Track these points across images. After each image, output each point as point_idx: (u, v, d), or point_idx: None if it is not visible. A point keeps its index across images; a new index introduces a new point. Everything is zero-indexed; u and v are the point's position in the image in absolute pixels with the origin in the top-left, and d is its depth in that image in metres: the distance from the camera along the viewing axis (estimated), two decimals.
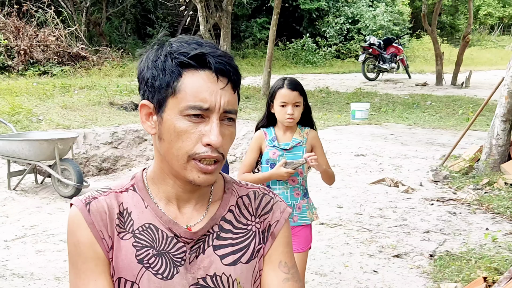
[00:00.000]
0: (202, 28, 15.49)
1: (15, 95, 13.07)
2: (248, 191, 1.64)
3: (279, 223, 1.60)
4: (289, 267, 1.58)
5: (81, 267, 1.45)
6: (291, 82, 3.55)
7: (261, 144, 3.66)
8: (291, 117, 3.51)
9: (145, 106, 1.46)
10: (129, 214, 1.50)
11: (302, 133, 3.67)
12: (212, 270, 1.51)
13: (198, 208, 1.55)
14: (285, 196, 3.63)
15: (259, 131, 3.71)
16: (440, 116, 12.81)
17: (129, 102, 13.10)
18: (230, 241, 1.55)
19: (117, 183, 1.57)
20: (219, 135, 1.39)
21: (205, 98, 1.37)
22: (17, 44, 18.15)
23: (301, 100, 3.55)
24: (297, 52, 25.33)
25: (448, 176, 7.84)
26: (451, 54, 24.64)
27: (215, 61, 1.38)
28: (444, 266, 5.07)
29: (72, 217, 1.48)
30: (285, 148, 3.60)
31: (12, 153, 7.57)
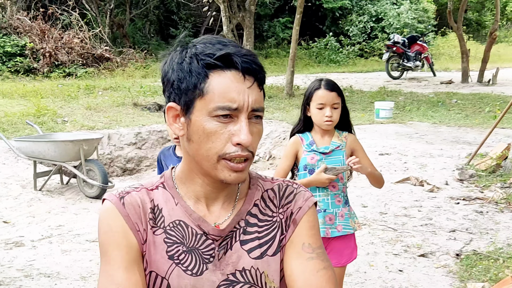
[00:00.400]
0: (225, 28, 15.51)
1: (40, 97, 13.21)
2: (273, 184, 1.63)
3: (302, 210, 1.58)
4: (313, 248, 1.55)
5: (111, 254, 1.45)
6: (328, 82, 3.37)
7: (297, 150, 3.46)
8: (330, 119, 3.31)
9: (172, 108, 1.47)
10: (160, 211, 1.52)
11: (340, 137, 3.48)
12: (240, 265, 1.51)
13: (226, 207, 1.56)
14: (326, 203, 3.43)
15: (294, 136, 3.51)
16: (466, 114, 12.65)
17: (152, 102, 13.16)
18: (256, 234, 1.55)
19: (148, 181, 1.59)
20: (249, 134, 1.39)
21: (233, 98, 1.38)
22: (42, 46, 18.37)
23: (339, 102, 3.35)
24: (320, 51, 25.24)
25: (475, 175, 7.75)
26: (477, 51, 24.35)
27: (241, 60, 1.38)
28: (471, 266, 5.01)
29: (105, 210, 1.50)
30: (325, 152, 3.40)
31: (38, 154, 7.65)
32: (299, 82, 16.77)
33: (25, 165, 8.50)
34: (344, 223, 3.44)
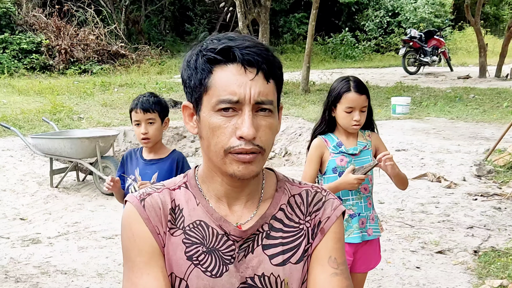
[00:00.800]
0: (240, 24, 15.48)
1: (56, 94, 13.28)
2: (300, 190, 1.60)
3: (330, 220, 1.55)
4: (338, 263, 1.53)
5: (134, 260, 1.45)
6: (358, 84, 3.20)
7: (322, 153, 3.27)
8: (358, 123, 3.18)
9: (187, 107, 1.48)
10: (180, 211, 1.51)
11: (364, 136, 3.35)
12: (260, 270, 1.49)
13: (249, 206, 1.53)
14: (360, 206, 3.27)
15: (317, 139, 3.32)
16: (483, 110, 12.53)
17: (168, 99, 13.16)
18: (280, 240, 1.52)
19: (171, 181, 1.58)
20: (251, 127, 1.36)
21: (233, 91, 1.35)
22: (58, 43, 18.48)
23: (367, 104, 3.22)
24: (336, 47, 25.14)
25: (493, 171, 7.67)
26: (495, 45, 24.13)
27: (240, 52, 1.36)
28: (489, 262, 4.95)
29: (127, 213, 1.50)
30: (354, 153, 3.26)
31: (54, 151, 7.68)
32: (315, 78, 16.71)
33: (41, 162, 8.54)
34: (374, 227, 3.34)
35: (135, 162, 3.56)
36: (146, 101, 3.49)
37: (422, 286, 4.67)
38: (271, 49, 1.42)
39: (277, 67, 1.42)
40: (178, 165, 3.52)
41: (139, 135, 3.49)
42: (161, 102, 3.55)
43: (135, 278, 1.44)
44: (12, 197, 7.31)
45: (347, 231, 3.21)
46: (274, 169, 1.63)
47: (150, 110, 3.48)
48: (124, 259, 1.49)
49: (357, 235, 3.23)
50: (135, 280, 1.44)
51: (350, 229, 3.24)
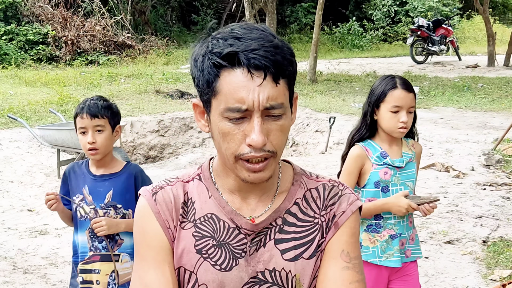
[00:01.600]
0: (247, 14, 15.44)
1: (63, 85, 13.29)
2: (317, 184, 1.57)
3: (345, 214, 1.52)
4: (351, 257, 1.50)
5: (143, 254, 1.47)
6: (405, 81, 2.86)
7: (363, 164, 2.89)
8: (405, 125, 2.81)
9: (197, 105, 1.45)
10: (192, 204, 1.50)
11: (409, 146, 2.99)
12: (271, 265, 1.47)
13: (264, 199, 1.51)
14: (401, 226, 2.92)
15: (357, 147, 2.93)
16: (492, 99, 12.45)
17: (175, 90, 13.16)
18: (293, 235, 1.50)
19: (185, 172, 1.58)
20: (260, 135, 1.32)
21: (242, 99, 1.31)
22: (64, 34, 18.48)
23: (415, 105, 2.87)
24: (343, 36, 25.02)
25: (501, 160, 7.62)
26: (503, 34, 23.98)
27: (246, 57, 1.30)
28: (498, 252, 4.93)
29: (139, 207, 1.51)
30: (400, 166, 2.89)
31: (61, 142, 7.68)
32: (322, 67, 16.65)
33: (48, 153, 8.55)
34: (413, 247, 3.00)
35: (82, 178, 3.08)
36: (94, 105, 2.98)
37: (431, 276, 4.65)
38: (280, 45, 1.35)
39: (287, 64, 1.35)
40: (137, 180, 3.07)
41: (85, 145, 3.02)
42: (111, 106, 3.06)
43: (143, 273, 1.46)
44: (20, 188, 7.33)
45: (385, 253, 2.89)
46: (292, 162, 1.60)
47: (98, 115, 2.98)
48: (134, 252, 1.51)
49: (397, 258, 2.90)
50: (142, 275, 1.45)
51: (389, 251, 2.89)
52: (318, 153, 9.43)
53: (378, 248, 2.89)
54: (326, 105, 11.68)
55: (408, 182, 2.91)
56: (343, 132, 9.91)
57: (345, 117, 10.63)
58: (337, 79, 15.38)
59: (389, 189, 2.88)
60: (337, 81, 15.18)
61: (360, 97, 12.79)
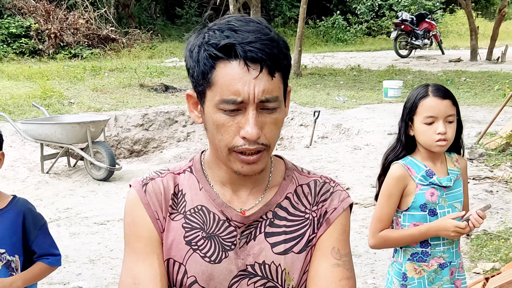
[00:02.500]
0: (231, 7, 15.40)
1: (46, 79, 13.19)
2: (309, 180, 1.57)
3: (336, 211, 1.53)
4: (341, 254, 1.51)
5: (132, 245, 1.47)
6: (438, 88, 2.53)
7: (405, 185, 2.56)
8: (444, 137, 2.46)
9: (190, 96, 1.44)
10: (183, 196, 1.50)
11: (453, 161, 2.64)
12: (261, 258, 1.48)
13: (255, 193, 1.51)
14: (451, 254, 2.60)
15: (397, 167, 2.58)
16: (475, 93, 12.55)
17: (159, 84, 13.12)
18: (284, 229, 1.50)
19: (176, 165, 1.58)
20: (255, 128, 1.33)
21: (237, 91, 1.31)
22: (47, 27, 18.31)
23: (454, 113, 2.51)
24: (328, 30, 25.04)
25: (484, 154, 7.68)
26: (486, 28, 24.10)
27: (243, 50, 1.30)
28: (481, 246, 4.97)
29: (129, 197, 1.50)
30: (447, 186, 2.55)
31: (45, 136, 7.63)
32: (306, 61, 16.66)
33: (32, 147, 8.50)
34: (462, 277, 2.71)
35: None
36: None
37: None
38: (276, 38, 1.35)
39: (283, 58, 1.37)
40: (26, 219, 2.54)
41: None
42: None
43: (131, 264, 1.46)
44: (3, 183, 7.26)
45: (434, 284, 2.61)
46: (284, 157, 1.60)
47: None
48: (124, 244, 1.50)
49: None
50: (131, 266, 1.45)
51: (439, 281, 2.60)
52: (302, 147, 9.46)
53: (425, 279, 2.59)
54: (310, 99, 11.70)
55: (456, 203, 2.58)
56: (327, 126, 9.95)
57: (330, 111, 10.67)
58: (322, 73, 15.41)
59: (437, 212, 2.53)
60: (321, 75, 15.22)
61: (345, 91, 12.83)
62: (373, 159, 7.62)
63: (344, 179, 6.85)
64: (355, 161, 7.72)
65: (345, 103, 11.38)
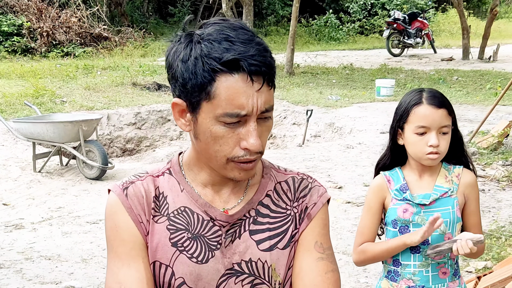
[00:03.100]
0: (224, 6, 15.39)
1: (38, 77, 13.15)
2: (286, 177, 1.60)
3: (316, 206, 1.56)
4: (324, 248, 1.55)
5: (116, 250, 1.45)
6: (433, 95, 2.27)
7: (383, 197, 2.34)
8: (436, 150, 2.21)
9: (177, 104, 1.41)
10: (164, 198, 1.50)
11: (449, 176, 2.32)
12: (247, 256, 1.49)
13: (236, 192, 1.53)
14: (425, 278, 2.28)
15: (379, 177, 2.40)
16: (467, 91, 12.59)
17: (152, 82, 13.10)
18: (268, 225, 1.52)
19: (154, 167, 1.58)
20: (257, 139, 1.35)
21: (242, 105, 1.32)
22: (39, 26, 18.23)
23: (449, 124, 2.26)
24: (320, 29, 25.05)
25: (476, 153, 7.71)
26: (478, 27, 24.19)
27: (248, 63, 1.30)
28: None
29: (110, 202, 1.49)
30: (423, 204, 2.27)
31: (37, 135, 7.60)
32: (299, 60, 16.67)
33: (24, 146, 8.46)
34: None
35: None
36: None
37: None
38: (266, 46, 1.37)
39: (275, 66, 1.39)
40: None
41: None
42: None
43: (116, 268, 1.44)
44: None
45: None
46: None
47: None
48: (107, 249, 1.49)
49: None
50: (116, 271, 1.44)
51: None
52: (295, 145, 9.46)
53: None
54: (303, 97, 11.71)
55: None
56: (320, 125, 9.96)
57: (322, 109, 10.68)
58: (314, 72, 15.42)
59: (409, 230, 2.27)
60: (314, 73, 15.23)
61: (337, 90, 12.84)
62: (366, 157, 7.64)
63: (337, 178, 6.86)
64: (347, 160, 7.73)
65: (337, 101, 11.39)
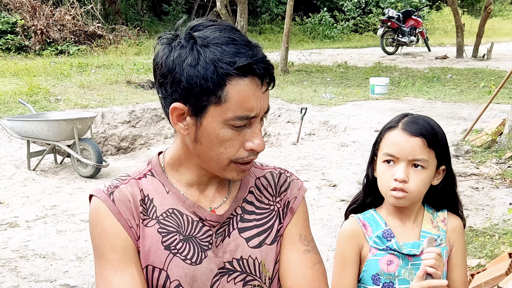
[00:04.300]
0: (218, 4, 15.36)
1: (32, 75, 13.12)
2: (264, 172, 1.62)
3: (297, 200, 1.59)
4: (308, 240, 1.58)
5: (108, 257, 1.42)
6: (413, 120, 1.84)
7: (360, 246, 1.85)
8: (402, 186, 1.76)
9: (177, 108, 1.40)
10: (151, 201, 1.48)
11: (435, 221, 1.90)
12: (238, 254, 1.50)
13: (220, 190, 1.54)
14: None
15: (349, 221, 1.93)
16: (461, 90, 12.62)
17: (146, 80, 13.08)
18: (255, 222, 1.54)
19: (135, 170, 1.56)
20: (262, 139, 1.38)
21: (251, 107, 1.35)
22: (33, 24, 18.18)
23: (428, 158, 1.79)
24: (315, 27, 25.06)
25: (470, 151, 7.73)
26: (472, 25, 24.22)
27: (259, 67, 1.33)
28: (467, 242, 4.99)
29: (95, 208, 1.46)
30: (412, 254, 1.81)
31: (31, 133, 7.59)
32: (293, 58, 16.67)
33: (18, 144, 8.45)
34: None
35: None
36: None
37: None
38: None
39: None
40: None
41: None
42: None
43: (109, 276, 1.41)
44: None
45: None
46: None
47: None
48: (95, 256, 1.46)
49: None
50: (110, 278, 1.41)
51: None
52: (289, 144, 9.47)
53: None
54: (297, 95, 11.71)
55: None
56: (314, 123, 9.97)
57: (317, 107, 10.68)
58: (309, 70, 15.43)
59: (394, 287, 1.82)
60: (308, 71, 15.23)
61: (332, 88, 12.85)
62: (360, 156, 7.65)
63: (331, 176, 6.87)
64: (342, 158, 7.74)
65: (332, 100, 11.40)
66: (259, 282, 1.51)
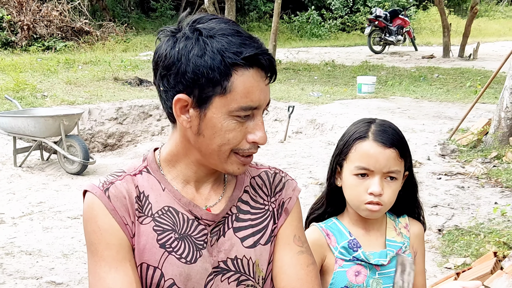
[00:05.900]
0: (206, 1, 15.34)
1: (19, 71, 13.03)
2: (259, 171, 1.62)
3: (292, 200, 1.59)
4: (302, 241, 1.58)
5: (102, 254, 1.41)
6: (383, 130, 1.79)
7: (323, 257, 1.81)
8: (378, 200, 1.73)
9: (181, 100, 1.38)
10: (146, 198, 1.47)
11: (398, 227, 1.88)
12: (233, 253, 1.50)
13: (216, 188, 1.54)
14: None
15: (312, 229, 1.86)
16: (447, 89, 12.69)
17: (133, 77, 13.04)
18: (250, 222, 1.53)
19: (130, 166, 1.54)
20: (265, 134, 1.40)
21: (256, 98, 1.36)
22: (20, 19, 18.05)
23: (399, 169, 1.76)
24: (302, 25, 25.08)
25: (456, 150, 7.78)
26: (458, 25, 24.37)
27: (264, 59, 1.35)
28: (452, 241, 5.04)
29: (90, 204, 1.44)
30: (380, 264, 1.78)
31: (17, 129, 7.54)
32: (281, 56, 16.69)
33: (4, 141, 8.40)
34: None
35: None
36: None
37: None
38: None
39: None
40: None
41: None
42: None
43: (103, 273, 1.40)
44: None
45: None
46: None
47: None
48: (89, 253, 1.44)
49: None
50: (104, 275, 1.40)
51: None
52: (277, 142, 9.48)
53: None
54: (285, 94, 11.73)
55: None
56: (301, 121, 9.99)
57: (304, 106, 10.70)
58: (296, 68, 15.45)
59: None
60: (296, 70, 15.26)
61: (319, 86, 12.88)
62: None
63: (318, 174, 6.89)
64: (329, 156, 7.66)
65: (319, 98, 11.43)
66: (253, 282, 1.51)
